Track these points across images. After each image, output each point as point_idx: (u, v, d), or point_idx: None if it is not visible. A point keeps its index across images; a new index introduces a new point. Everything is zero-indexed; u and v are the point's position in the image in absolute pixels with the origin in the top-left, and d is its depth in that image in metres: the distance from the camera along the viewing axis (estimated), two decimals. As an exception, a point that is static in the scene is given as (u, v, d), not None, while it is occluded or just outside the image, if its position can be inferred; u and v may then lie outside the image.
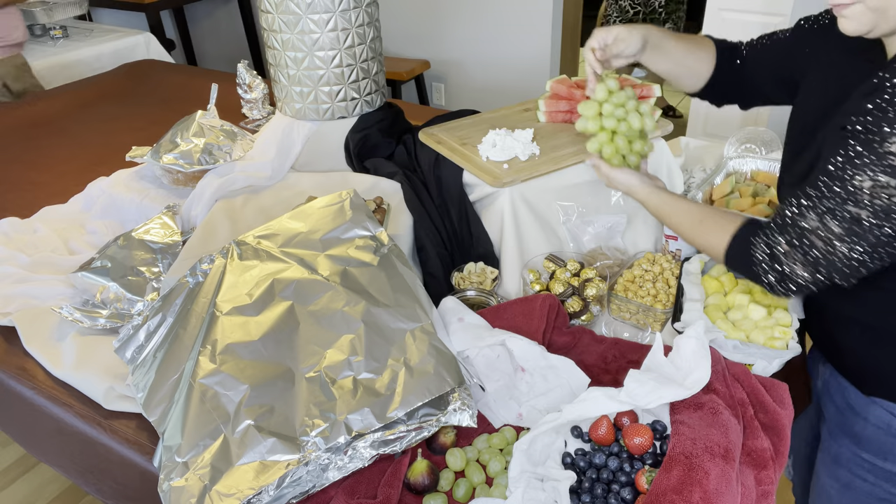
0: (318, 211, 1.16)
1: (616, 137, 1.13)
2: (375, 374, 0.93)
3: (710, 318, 1.09)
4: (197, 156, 1.55)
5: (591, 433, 0.91)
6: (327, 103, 1.54)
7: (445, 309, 1.10)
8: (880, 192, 0.78)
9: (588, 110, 1.13)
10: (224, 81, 2.18)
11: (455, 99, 3.90)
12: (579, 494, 0.85)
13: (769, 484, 0.87)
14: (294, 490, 0.86)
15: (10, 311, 1.29)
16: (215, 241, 1.35)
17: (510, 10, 3.44)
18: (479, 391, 1.03)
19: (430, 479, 0.90)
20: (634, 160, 1.15)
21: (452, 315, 1.07)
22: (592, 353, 1.10)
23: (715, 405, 0.90)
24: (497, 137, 1.35)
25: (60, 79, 2.93)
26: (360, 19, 1.49)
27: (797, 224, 0.86)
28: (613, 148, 1.13)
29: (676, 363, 0.94)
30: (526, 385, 1.01)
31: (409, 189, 1.39)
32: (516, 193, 1.28)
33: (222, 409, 0.91)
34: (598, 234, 1.34)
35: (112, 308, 1.25)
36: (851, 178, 0.80)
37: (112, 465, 1.09)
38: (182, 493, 0.85)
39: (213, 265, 1.11)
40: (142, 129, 2.15)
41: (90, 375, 1.13)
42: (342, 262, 1.07)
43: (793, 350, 1.03)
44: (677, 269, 1.25)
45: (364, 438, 0.88)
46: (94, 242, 1.51)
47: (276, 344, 0.98)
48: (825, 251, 0.84)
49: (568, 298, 1.16)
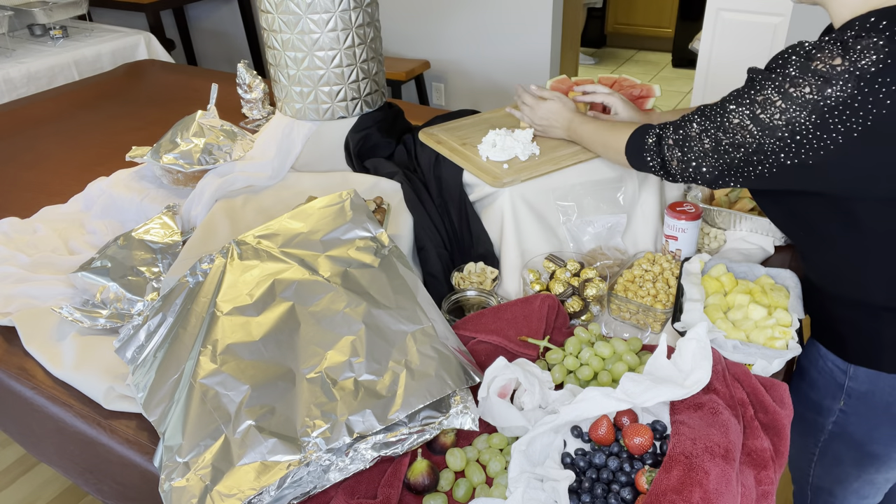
0: (318, 211, 1.16)
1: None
2: (376, 375, 0.93)
3: (710, 318, 1.09)
4: (197, 156, 1.55)
5: (591, 433, 0.91)
6: (327, 103, 1.54)
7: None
8: (739, 130, 0.95)
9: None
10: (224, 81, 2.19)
11: (455, 99, 3.90)
12: (579, 494, 0.85)
13: (769, 484, 0.87)
14: (295, 491, 0.86)
15: (10, 311, 1.29)
16: (215, 241, 1.35)
17: (510, 10, 3.44)
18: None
19: (430, 479, 0.90)
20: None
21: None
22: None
23: (715, 405, 0.90)
24: (497, 137, 1.35)
25: (60, 79, 2.93)
26: (360, 19, 1.49)
27: (685, 129, 1.04)
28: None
29: (679, 365, 0.94)
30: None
31: (409, 189, 1.39)
32: (516, 193, 1.28)
33: (223, 410, 0.91)
34: (598, 234, 1.34)
35: (112, 308, 1.25)
36: (730, 111, 0.96)
37: (112, 465, 1.09)
38: (183, 493, 0.85)
39: (213, 265, 1.11)
40: (142, 129, 2.15)
41: (90, 375, 1.13)
42: (343, 263, 1.08)
43: (793, 350, 1.03)
44: (677, 269, 1.25)
45: (366, 440, 0.88)
46: (94, 242, 1.51)
47: (276, 344, 0.98)
48: (696, 156, 1.02)
49: (568, 298, 1.16)
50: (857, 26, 0.87)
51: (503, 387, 0.98)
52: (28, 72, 2.85)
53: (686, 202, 1.29)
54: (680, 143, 1.05)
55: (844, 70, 0.84)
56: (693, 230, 1.27)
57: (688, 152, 1.04)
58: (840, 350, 1.10)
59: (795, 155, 0.90)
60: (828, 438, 1.18)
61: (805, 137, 0.88)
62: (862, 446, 1.14)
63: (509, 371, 0.98)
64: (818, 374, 1.15)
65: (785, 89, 0.89)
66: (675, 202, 1.29)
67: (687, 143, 1.04)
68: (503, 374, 0.98)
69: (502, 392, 0.98)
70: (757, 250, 1.34)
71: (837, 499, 1.25)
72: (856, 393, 1.10)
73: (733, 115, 0.95)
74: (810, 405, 1.18)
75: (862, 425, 1.12)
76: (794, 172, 0.92)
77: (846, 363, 1.09)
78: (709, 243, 1.37)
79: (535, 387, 0.98)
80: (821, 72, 0.86)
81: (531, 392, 0.98)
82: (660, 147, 1.09)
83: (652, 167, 1.12)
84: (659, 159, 1.10)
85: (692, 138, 1.03)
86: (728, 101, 0.98)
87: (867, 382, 1.08)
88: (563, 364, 1.05)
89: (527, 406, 0.97)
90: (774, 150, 0.92)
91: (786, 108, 0.89)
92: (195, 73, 2.73)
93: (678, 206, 1.28)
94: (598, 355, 1.05)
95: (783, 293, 1.13)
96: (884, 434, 1.11)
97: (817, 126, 0.87)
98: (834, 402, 1.13)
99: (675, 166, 1.07)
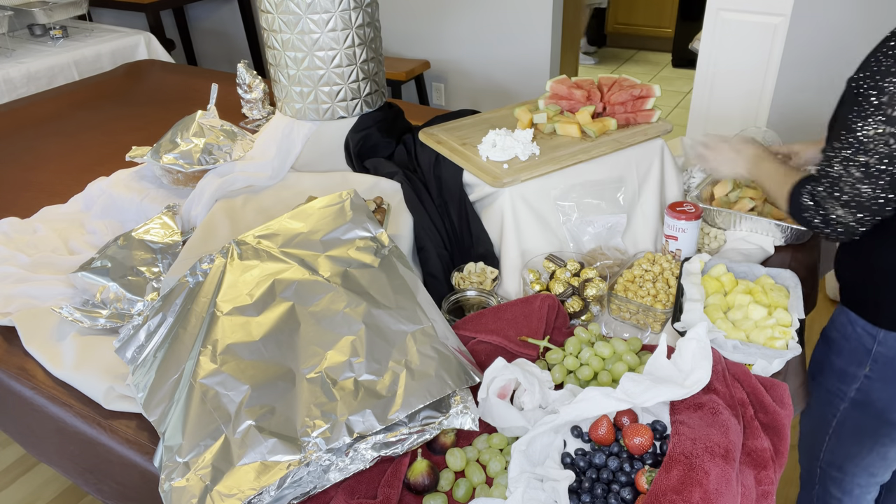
0: (318, 211, 1.16)
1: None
2: (376, 375, 0.93)
3: (710, 318, 1.09)
4: (197, 156, 1.55)
5: (591, 433, 0.91)
6: (327, 103, 1.54)
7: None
8: (880, 140, 0.90)
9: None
10: (224, 81, 2.19)
11: (455, 99, 3.90)
12: (579, 494, 0.85)
13: (769, 484, 0.87)
14: (295, 491, 0.86)
15: (10, 311, 1.29)
16: (215, 241, 1.35)
17: (510, 10, 3.44)
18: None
19: (430, 479, 0.90)
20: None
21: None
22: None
23: (715, 405, 0.90)
24: (497, 137, 1.35)
25: (60, 79, 2.93)
26: (360, 19, 1.49)
27: (828, 174, 0.99)
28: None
29: (679, 365, 0.94)
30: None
31: (409, 189, 1.39)
32: (516, 193, 1.28)
33: (223, 410, 0.91)
34: (598, 234, 1.34)
35: (112, 308, 1.25)
36: (859, 128, 0.92)
37: (112, 465, 1.09)
38: (183, 493, 0.85)
39: (212, 265, 1.11)
40: (142, 129, 2.15)
41: (90, 375, 1.13)
42: (343, 263, 1.08)
43: (793, 350, 1.03)
44: (677, 269, 1.25)
45: (366, 440, 0.88)
46: (94, 242, 1.51)
47: (276, 344, 0.98)
48: (853, 194, 0.96)
49: (568, 298, 1.16)
50: None
51: (503, 387, 0.98)
52: (28, 72, 2.85)
53: (686, 202, 1.29)
54: (831, 190, 0.99)
55: None
56: (693, 230, 1.27)
57: (842, 194, 0.98)
58: (873, 315, 1.12)
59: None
60: (848, 406, 1.20)
61: None
62: (882, 413, 1.16)
63: (508, 371, 0.98)
64: (845, 342, 1.17)
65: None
66: (675, 202, 1.29)
67: (836, 184, 0.98)
68: (502, 374, 0.98)
69: (502, 393, 0.98)
70: (757, 250, 1.34)
71: (847, 475, 1.27)
72: (883, 358, 1.12)
73: (865, 129, 0.91)
74: (834, 373, 1.20)
75: (886, 391, 1.14)
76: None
77: (876, 328, 1.12)
78: (709, 243, 1.37)
79: (534, 387, 0.98)
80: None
81: (531, 392, 0.98)
82: (817, 203, 1.02)
83: (819, 228, 1.04)
84: (821, 217, 1.02)
85: (839, 177, 0.97)
86: (849, 121, 0.93)
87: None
88: (563, 364, 1.05)
89: (527, 406, 0.97)
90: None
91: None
92: (195, 73, 2.73)
93: (678, 206, 1.28)
94: (598, 355, 1.05)
95: (783, 293, 1.13)
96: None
97: None
98: (860, 368, 1.16)
99: (841, 215, 1.00)
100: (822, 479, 1.31)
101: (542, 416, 0.93)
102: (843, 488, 1.29)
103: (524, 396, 0.98)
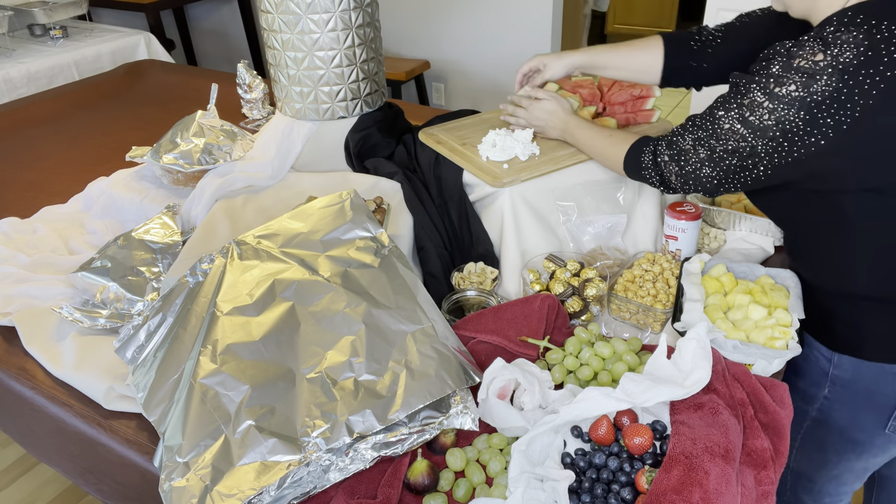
0: (318, 211, 1.16)
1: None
2: (376, 375, 0.93)
3: (710, 318, 1.09)
4: (197, 156, 1.55)
5: (591, 433, 0.91)
6: (327, 103, 1.54)
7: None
8: (731, 136, 0.95)
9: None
10: (224, 81, 2.19)
11: (455, 99, 3.90)
12: (579, 494, 0.85)
13: (769, 484, 0.87)
14: (295, 491, 0.86)
15: (10, 311, 1.29)
16: (215, 241, 1.35)
17: (510, 9, 3.44)
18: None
19: (430, 479, 0.90)
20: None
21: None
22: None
23: (715, 405, 0.90)
24: (497, 137, 1.35)
25: (60, 79, 2.93)
26: (360, 19, 1.49)
27: (677, 143, 1.06)
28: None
29: (679, 365, 0.94)
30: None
31: (409, 189, 1.39)
32: (516, 193, 1.28)
33: (223, 410, 0.91)
34: (598, 234, 1.34)
35: (112, 308, 1.25)
36: (719, 118, 0.97)
37: (112, 465, 1.09)
38: (183, 493, 0.85)
39: (212, 265, 1.11)
40: (142, 129, 2.15)
41: (90, 375, 1.13)
42: (343, 263, 1.08)
43: (793, 350, 1.03)
44: (677, 269, 1.25)
45: (366, 440, 0.88)
46: (94, 242, 1.51)
47: (276, 344, 0.98)
48: (692, 169, 1.04)
49: (568, 298, 1.16)
50: (835, 22, 0.88)
51: (502, 388, 0.98)
52: (28, 72, 2.85)
53: (686, 202, 1.29)
54: (675, 158, 1.06)
55: (827, 65, 0.85)
56: (693, 230, 1.27)
57: (685, 165, 1.05)
58: (826, 339, 1.12)
59: (788, 153, 0.91)
60: (811, 425, 1.20)
61: (796, 135, 0.89)
62: (844, 433, 1.16)
63: (508, 372, 0.98)
64: (804, 363, 1.17)
65: (770, 89, 0.90)
66: (675, 202, 1.29)
67: (682, 156, 1.05)
68: (502, 374, 0.98)
69: (501, 393, 0.98)
70: (757, 250, 1.34)
71: (817, 484, 1.27)
72: (840, 381, 1.12)
73: (723, 120, 0.96)
74: (797, 393, 1.20)
75: (845, 412, 1.14)
76: (789, 170, 0.93)
77: (831, 352, 1.11)
78: (709, 243, 1.37)
79: (534, 387, 0.98)
80: (804, 68, 0.87)
81: (531, 392, 0.98)
82: (657, 164, 1.11)
83: (652, 183, 1.15)
84: (658, 176, 1.12)
85: (687, 151, 1.04)
86: (716, 108, 0.98)
87: (850, 370, 1.10)
88: (563, 364, 1.05)
89: (527, 406, 0.97)
90: (768, 151, 0.93)
91: (774, 108, 0.89)
92: (195, 73, 2.73)
93: (678, 206, 1.28)
94: (598, 355, 1.05)
95: (783, 293, 1.13)
96: (865, 421, 1.12)
97: (807, 122, 0.88)
98: (819, 389, 1.16)
99: (674, 181, 1.09)
100: (794, 487, 1.31)
101: (542, 417, 0.93)
102: (813, 496, 1.30)
103: (524, 396, 0.98)
